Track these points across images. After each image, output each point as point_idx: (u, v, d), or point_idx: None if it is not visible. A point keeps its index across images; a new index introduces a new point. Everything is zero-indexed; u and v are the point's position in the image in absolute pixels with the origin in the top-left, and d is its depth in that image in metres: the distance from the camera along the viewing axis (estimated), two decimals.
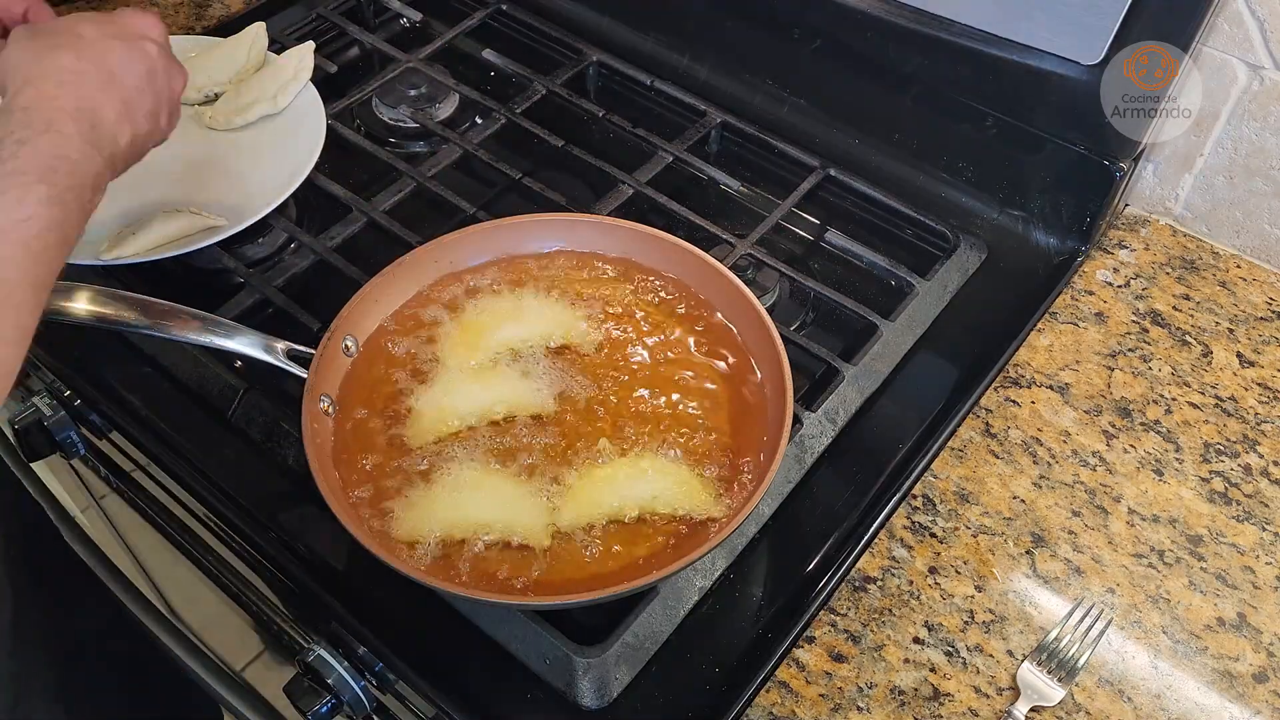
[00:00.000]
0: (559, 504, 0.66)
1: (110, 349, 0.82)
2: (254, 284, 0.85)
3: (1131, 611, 0.70)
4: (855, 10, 0.91)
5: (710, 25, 1.04)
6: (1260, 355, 0.86)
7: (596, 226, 0.80)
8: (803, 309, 0.89)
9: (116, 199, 0.89)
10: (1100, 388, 0.83)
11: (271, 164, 0.92)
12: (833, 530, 0.73)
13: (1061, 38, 0.81)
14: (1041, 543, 0.74)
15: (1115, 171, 0.87)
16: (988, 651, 0.68)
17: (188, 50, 1.00)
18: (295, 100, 0.96)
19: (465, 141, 0.97)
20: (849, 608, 0.70)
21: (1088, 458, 0.78)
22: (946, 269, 0.89)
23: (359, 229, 0.90)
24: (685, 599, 0.69)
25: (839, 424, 0.79)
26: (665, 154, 0.97)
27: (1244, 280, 0.92)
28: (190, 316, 0.68)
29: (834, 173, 0.95)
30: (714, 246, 0.87)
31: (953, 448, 0.79)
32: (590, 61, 1.07)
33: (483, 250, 0.79)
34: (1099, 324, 0.88)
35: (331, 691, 0.75)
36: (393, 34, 1.14)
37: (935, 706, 0.65)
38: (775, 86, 1.02)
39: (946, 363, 0.85)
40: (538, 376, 0.73)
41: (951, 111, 0.93)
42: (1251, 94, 0.86)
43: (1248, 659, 0.68)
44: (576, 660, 0.64)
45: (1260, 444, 0.80)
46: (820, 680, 0.67)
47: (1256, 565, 0.73)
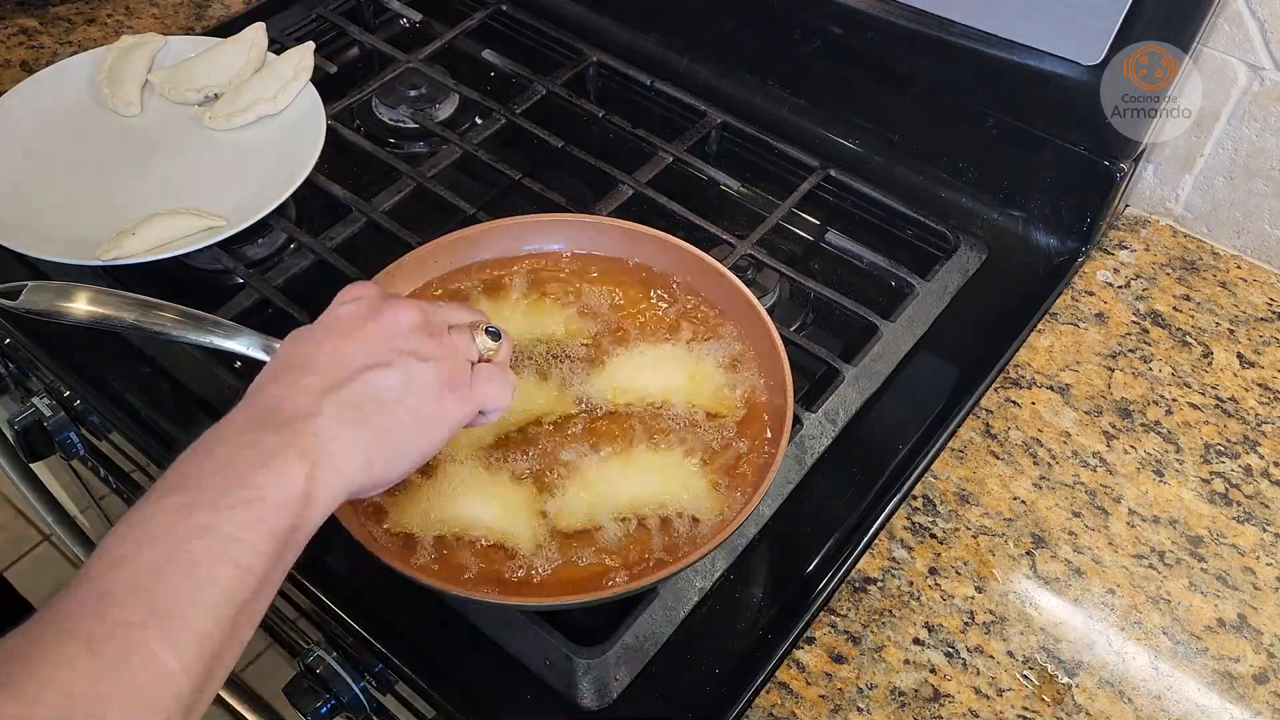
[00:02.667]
0: (559, 504, 0.66)
1: (110, 349, 0.82)
2: (254, 284, 0.85)
3: (1132, 612, 0.70)
4: (855, 10, 0.91)
5: (710, 25, 1.04)
6: (1260, 356, 0.86)
7: (596, 227, 0.80)
8: (803, 309, 0.89)
9: (116, 199, 0.90)
10: (1100, 388, 0.83)
11: (271, 164, 0.92)
12: (833, 531, 0.73)
13: (1062, 38, 0.81)
14: (1042, 543, 0.74)
15: (1115, 172, 0.87)
16: (988, 652, 0.68)
17: (187, 50, 1.00)
18: (295, 100, 0.96)
19: (465, 142, 0.97)
20: (849, 608, 0.70)
21: (1088, 458, 0.78)
22: (947, 269, 0.89)
23: (359, 229, 0.90)
24: (685, 600, 0.69)
25: (839, 424, 0.79)
26: (665, 154, 0.97)
27: (1244, 281, 0.92)
28: (190, 317, 0.68)
29: (834, 173, 0.95)
30: (714, 247, 0.87)
31: (953, 448, 0.79)
32: (590, 62, 1.07)
33: (482, 250, 0.79)
34: (1099, 324, 0.88)
35: (331, 692, 0.75)
36: (393, 34, 1.13)
37: (935, 707, 0.65)
38: (775, 86, 1.02)
39: (947, 363, 0.85)
40: (537, 376, 0.73)
41: (952, 112, 0.93)
42: (1252, 94, 0.86)
43: (1248, 660, 0.68)
44: (576, 661, 0.64)
45: (1261, 445, 0.80)
46: (820, 681, 0.67)
47: (1257, 566, 0.73)
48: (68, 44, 1.10)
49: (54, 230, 0.85)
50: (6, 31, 1.11)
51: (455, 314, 0.63)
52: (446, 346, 0.59)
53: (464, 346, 0.60)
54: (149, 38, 1.00)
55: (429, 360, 0.57)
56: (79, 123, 0.96)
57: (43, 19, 1.13)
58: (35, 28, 1.12)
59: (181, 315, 0.67)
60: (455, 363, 0.59)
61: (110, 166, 0.93)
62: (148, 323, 0.67)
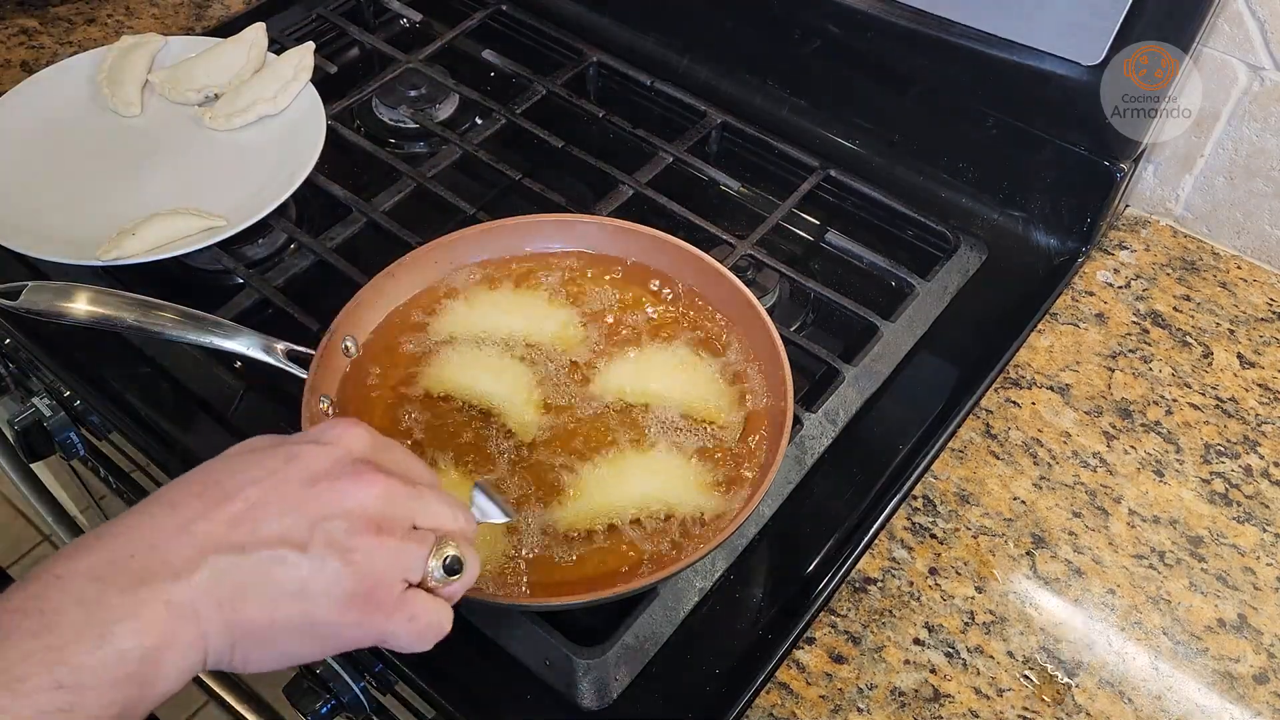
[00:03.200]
0: (559, 505, 0.66)
1: (110, 349, 0.82)
2: (254, 284, 0.85)
3: (1132, 612, 0.70)
4: (855, 10, 0.91)
5: (710, 25, 1.04)
6: (1261, 356, 0.86)
7: (596, 227, 0.80)
8: (803, 310, 0.89)
9: (116, 199, 0.90)
10: (1101, 388, 0.83)
11: (271, 164, 0.92)
12: (833, 531, 0.73)
13: (1062, 38, 0.81)
14: (1042, 544, 0.74)
15: (1115, 172, 0.87)
16: (988, 653, 0.68)
17: (187, 50, 1.00)
18: (295, 101, 0.96)
19: (465, 142, 0.97)
20: (849, 609, 0.70)
21: (1088, 459, 0.78)
22: (947, 270, 0.89)
23: (359, 229, 0.90)
24: (685, 600, 0.69)
25: (839, 425, 0.79)
26: (665, 154, 0.97)
27: (1244, 281, 0.92)
28: (190, 317, 0.68)
29: (834, 173, 0.95)
30: (714, 247, 0.87)
31: (953, 448, 0.79)
32: (590, 62, 1.07)
33: (482, 250, 0.79)
34: (1099, 325, 0.88)
35: (331, 692, 0.75)
36: (393, 34, 1.13)
37: (935, 708, 0.65)
38: (775, 86, 1.02)
39: (947, 363, 0.85)
40: (536, 377, 0.73)
41: (952, 112, 0.93)
42: (1252, 95, 0.86)
43: (1248, 660, 0.68)
44: (576, 661, 0.64)
45: (1261, 445, 0.80)
46: (820, 681, 0.67)
47: (1257, 566, 0.73)
48: (68, 44, 1.10)
49: (54, 230, 0.85)
50: (6, 31, 1.11)
51: (432, 511, 0.51)
52: (385, 553, 0.48)
53: (409, 560, 0.49)
54: (149, 38, 1.00)
55: (351, 564, 0.47)
56: (79, 123, 0.96)
57: (43, 19, 1.13)
58: (35, 28, 1.12)
59: (181, 315, 0.68)
60: (384, 577, 0.48)
61: (110, 166, 0.93)
62: (148, 323, 0.67)
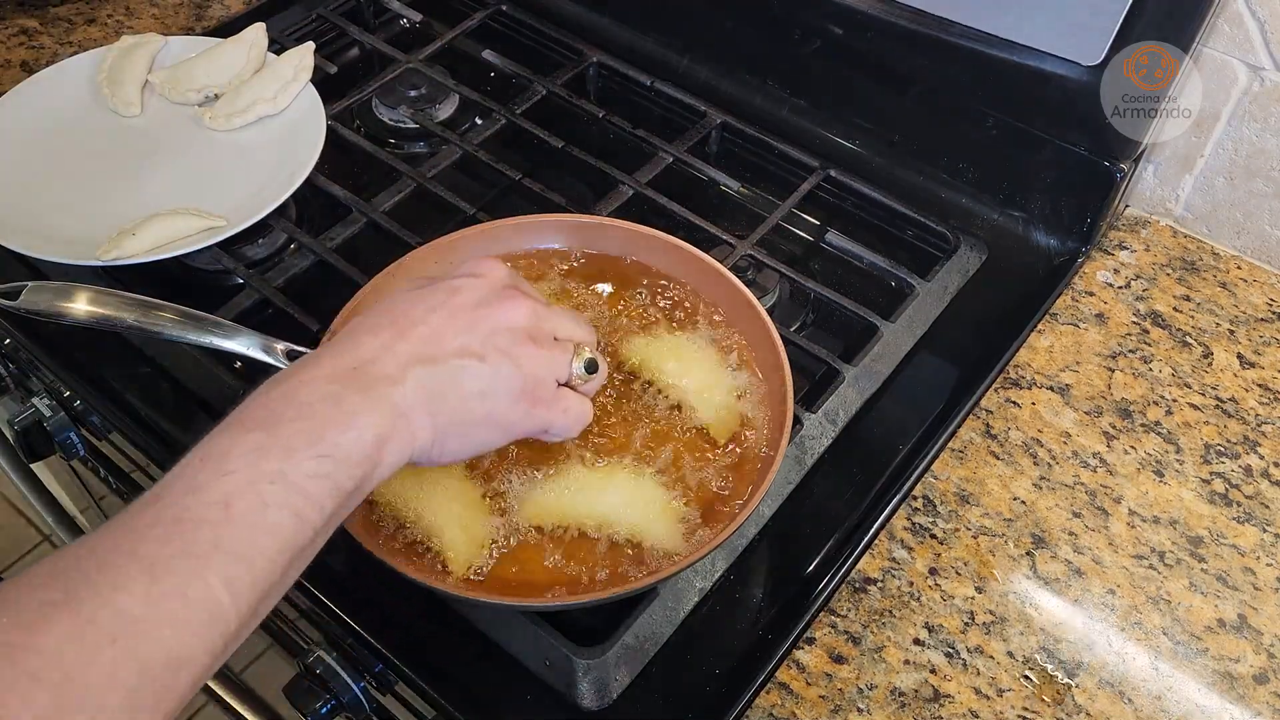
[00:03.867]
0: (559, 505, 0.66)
1: (110, 349, 0.82)
2: (254, 284, 0.85)
3: (1132, 613, 0.70)
4: (855, 10, 0.91)
5: (710, 25, 1.04)
6: (1261, 356, 0.86)
7: (596, 227, 0.80)
8: (803, 310, 0.89)
9: (116, 199, 0.90)
10: (1101, 389, 0.83)
11: (271, 164, 0.92)
12: (833, 531, 0.73)
13: (1062, 38, 0.81)
14: (1042, 544, 0.74)
15: (1115, 172, 0.87)
16: (988, 653, 0.68)
17: (187, 50, 1.00)
18: (295, 101, 0.96)
19: (465, 142, 0.97)
20: (849, 609, 0.70)
21: (1088, 459, 0.78)
22: (947, 270, 0.89)
23: (359, 229, 0.90)
24: (685, 600, 0.69)
25: (839, 425, 0.79)
26: (665, 154, 0.97)
27: (1244, 281, 0.92)
28: (190, 317, 0.67)
29: (834, 173, 0.95)
30: (714, 247, 0.87)
31: (953, 449, 0.79)
32: (590, 62, 1.07)
33: (482, 251, 0.79)
34: (1099, 325, 0.88)
35: (331, 692, 0.75)
36: (393, 35, 1.13)
37: (935, 708, 0.65)
38: (775, 87, 1.02)
39: (947, 363, 0.85)
40: None
41: (952, 112, 0.93)
42: (1252, 95, 0.86)
43: (1248, 660, 0.68)
44: (576, 661, 0.64)
45: (1261, 445, 0.80)
46: (820, 681, 0.67)
47: (1257, 566, 0.73)
48: (68, 44, 1.10)
49: (54, 230, 0.85)
50: (6, 31, 1.11)
51: (566, 326, 0.63)
52: (541, 359, 0.60)
53: (559, 364, 0.61)
54: (149, 38, 1.00)
55: (520, 367, 0.58)
56: (79, 123, 0.96)
57: (43, 19, 1.13)
58: (35, 28, 1.12)
59: (181, 315, 0.67)
60: (543, 378, 0.60)
61: (110, 166, 0.93)
62: (148, 323, 0.67)
